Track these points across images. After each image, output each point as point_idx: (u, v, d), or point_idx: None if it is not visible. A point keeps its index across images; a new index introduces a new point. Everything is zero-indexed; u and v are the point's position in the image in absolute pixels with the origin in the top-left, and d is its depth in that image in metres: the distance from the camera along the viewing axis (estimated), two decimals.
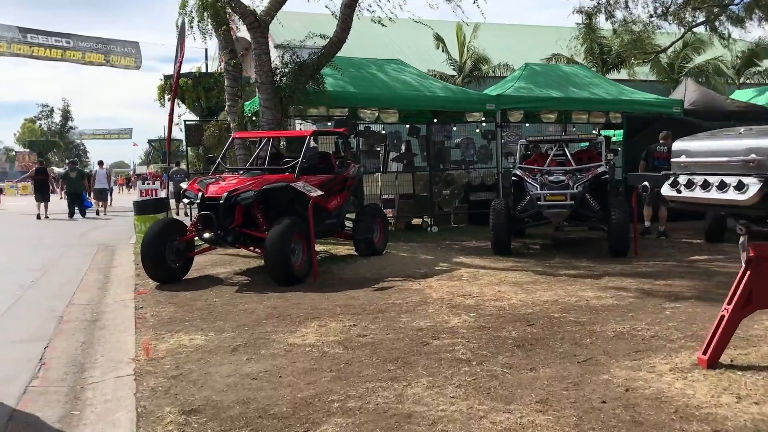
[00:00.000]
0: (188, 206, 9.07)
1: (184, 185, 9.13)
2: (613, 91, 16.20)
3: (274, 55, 12.90)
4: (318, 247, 11.03)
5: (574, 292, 7.39)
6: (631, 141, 14.92)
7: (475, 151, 14.96)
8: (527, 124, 16.60)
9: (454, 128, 15.27)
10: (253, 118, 13.63)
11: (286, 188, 8.63)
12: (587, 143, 12.76)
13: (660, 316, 6.17)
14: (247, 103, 15.20)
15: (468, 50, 32.72)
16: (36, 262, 11.37)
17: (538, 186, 10.34)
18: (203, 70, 28.05)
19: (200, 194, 8.57)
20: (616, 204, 10.27)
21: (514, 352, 5.04)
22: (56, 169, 54.64)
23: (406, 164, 14.59)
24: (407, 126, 15.00)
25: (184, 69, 29.08)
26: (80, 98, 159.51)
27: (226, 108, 13.58)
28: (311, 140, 10.08)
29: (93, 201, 23.70)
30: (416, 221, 15.35)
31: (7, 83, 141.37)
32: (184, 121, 13.88)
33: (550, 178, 10.38)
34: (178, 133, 20.31)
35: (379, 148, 14.98)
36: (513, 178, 11.09)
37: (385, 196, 14.65)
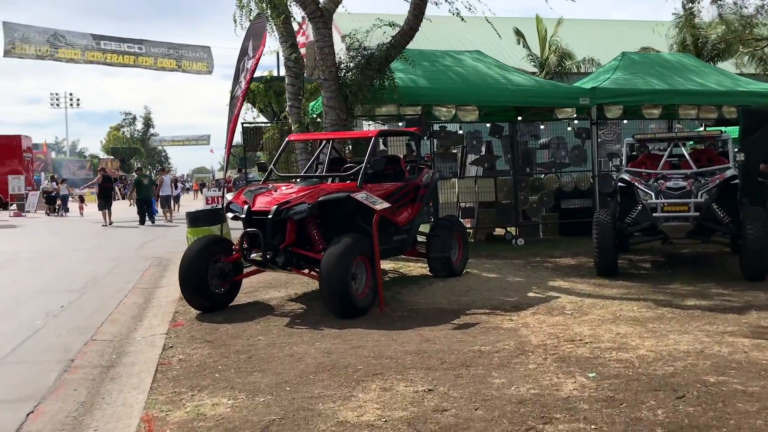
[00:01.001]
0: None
1: (229, 196, 7.81)
2: (726, 82, 14.06)
3: (339, 48, 11.49)
4: (386, 266, 9.56)
5: (721, 337, 5.60)
6: (748, 139, 12.76)
7: (567, 153, 13.15)
8: (625, 121, 14.66)
9: (542, 126, 13.52)
10: (318, 120, 12.31)
11: (346, 200, 7.16)
12: (704, 141, 10.78)
13: None
14: (312, 103, 13.92)
15: (551, 45, 30.79)
16: (79, 279, 10.33)
17: (652, 193, 8.51)
18: (275, 74, 27.22)
19: (246, 207, 7.21)
20: (752, 215, 8.34)
21: None
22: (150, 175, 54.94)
23: (486, 168, 12.93)
24: (488, 125, 13.32)
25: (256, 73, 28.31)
26: (162, 106, 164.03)
27: (287, 108, 12.28)
28: (377, 142, 8.61)
29: (158, 209, 23.19)
30: (498, 232, 13.67)
31: (97, 94, 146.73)
32: (241, 123, 12.70)
33: (668, 184, 8.53)
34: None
35: (456, 150, 13.41)
36: (620, 183, 9.29)
37: (463, 205, 13.03)
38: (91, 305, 8.37)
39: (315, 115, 12.83)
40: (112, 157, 79.59)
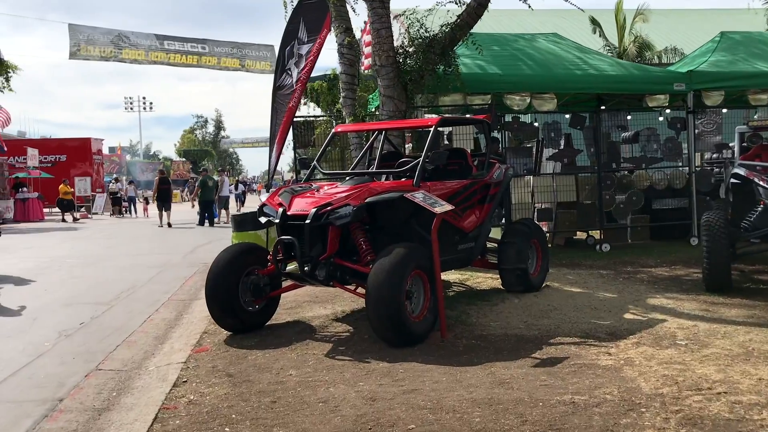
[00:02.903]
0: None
1: (263, 198, 6.69)
2: None
3: (397, 32, 10.27)
4: (450, 277, 8.29)
5: None
6: None
7: (659, 146, 11.50)
8: (725, 110, 12.87)
9: (629, 117, 11.92)
10: (376, 113, 11.12)
11: (398, 201, 5.88)
12: None
13: None
14: (372, 95, 12.77)
15: (631, 35, 28.88)
16: (114, 289, 9.45)
17: None
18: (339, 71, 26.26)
19: (280, 211, 6.04)
20: None
21: None
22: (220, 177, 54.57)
23: (566, 164, 11.43)
24: (567, 115, 11.80)
25: (319, 71, 27.11)
26: (234, 109, 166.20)
27: (341, 100, 11.15)
28: (438, 132, 7.31)
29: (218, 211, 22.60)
30: (579, 235, 12.16)
31: (173, 98, 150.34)
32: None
33: None
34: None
35: (530, 145, 11.97)
36: (732, 180, 7.72)
37: (538, 205, 11.57)
38: (115, 322, 7.39)
39: (374, 108, 11.67)
40: (184, 159, 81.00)
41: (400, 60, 9.89)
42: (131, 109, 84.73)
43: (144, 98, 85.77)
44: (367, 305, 5.42)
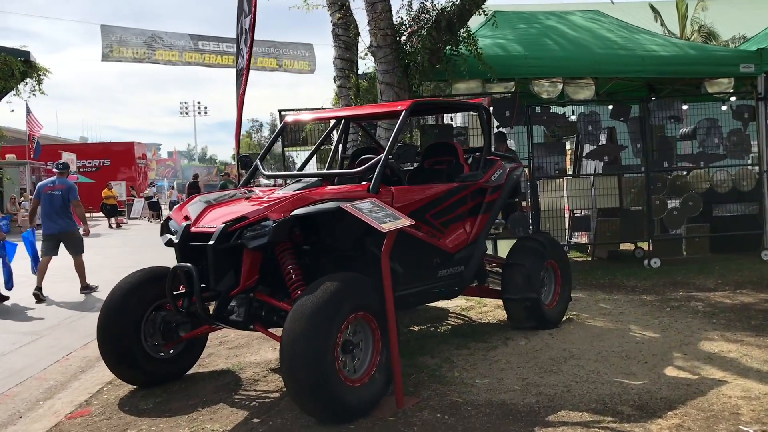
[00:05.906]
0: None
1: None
2: None
3: (397, 5, 8.64)
4: (450, 304, 6.60)
5: None
6: None
7: (722, 140, 9.49)
8: None
9: (686, 106, 9.95)
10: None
11: (337, 214, 4.21)
12: None
13: None
14: None
15: (693, 23, 26.54)
16: (66, 312, 8.23)
17: None
18: None
19: (183, 227, 4.46)
20: None
21: None
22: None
23: (608, 162, 9.54)
24: (610, 106, 9.90)
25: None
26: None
27: (336, 89, 9.59)
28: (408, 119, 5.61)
29: None
30: (625, 246, 10.25)
31: (232, 103, 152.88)
32: (279, 110, 10.11)
33: None
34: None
35: (565, 140, 10.15)
36: None
37: (577, 212, 9.70)
38: (23, 360, 6.00)
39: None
40: (235, 163, 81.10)
41: (402, 39, 8.30)
42: (186, 113, 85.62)
43: (199, 103, 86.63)
44: (281, 363, 3.78)
